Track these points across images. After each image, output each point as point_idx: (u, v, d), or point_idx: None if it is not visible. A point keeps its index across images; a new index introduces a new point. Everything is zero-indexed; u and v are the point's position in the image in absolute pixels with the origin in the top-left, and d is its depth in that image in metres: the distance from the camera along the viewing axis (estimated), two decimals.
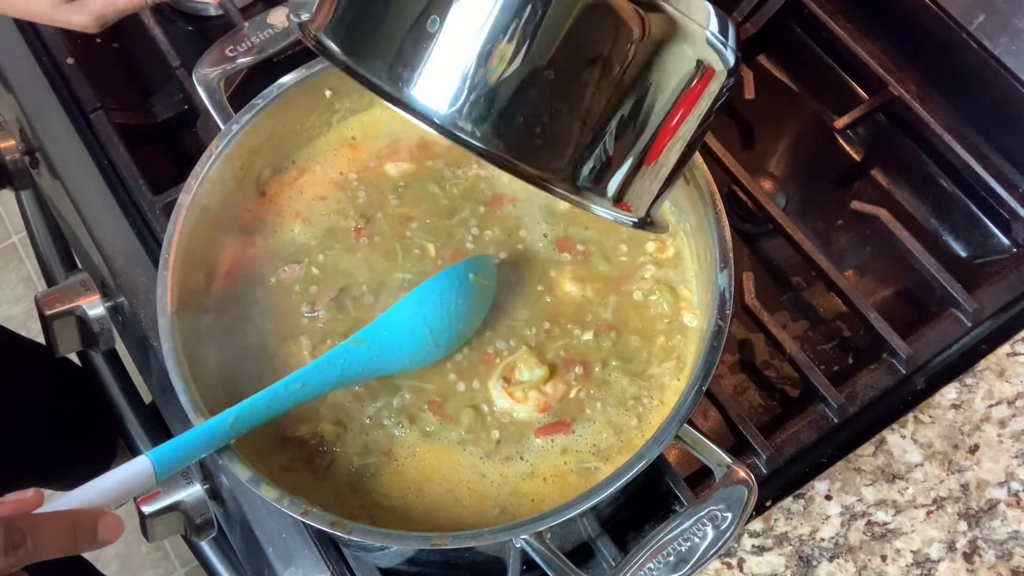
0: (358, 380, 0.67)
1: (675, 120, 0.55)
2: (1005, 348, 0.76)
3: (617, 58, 0.52)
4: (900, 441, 0.73)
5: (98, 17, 0.75)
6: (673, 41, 0.53)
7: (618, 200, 0.56)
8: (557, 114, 0.53)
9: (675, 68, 0.53)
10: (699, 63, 0.54)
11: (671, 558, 0.57)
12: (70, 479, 1.53)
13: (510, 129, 0.52)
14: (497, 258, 0.73)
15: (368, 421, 0.67)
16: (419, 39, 0.52)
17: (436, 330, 0.67)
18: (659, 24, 0.52)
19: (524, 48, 0.51)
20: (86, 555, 1.37)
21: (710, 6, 0.54)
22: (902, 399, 0.75)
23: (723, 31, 0.54)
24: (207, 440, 0.60)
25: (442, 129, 0.52)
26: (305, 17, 0.57)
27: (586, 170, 0.54)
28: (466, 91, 0.51)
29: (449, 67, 0.52)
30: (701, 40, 0.53)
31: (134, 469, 0.58)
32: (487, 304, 0.71)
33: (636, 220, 0.57)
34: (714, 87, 0.55)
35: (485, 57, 0.51)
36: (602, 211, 0.56)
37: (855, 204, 0.83)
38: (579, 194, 0.54)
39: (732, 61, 0.55)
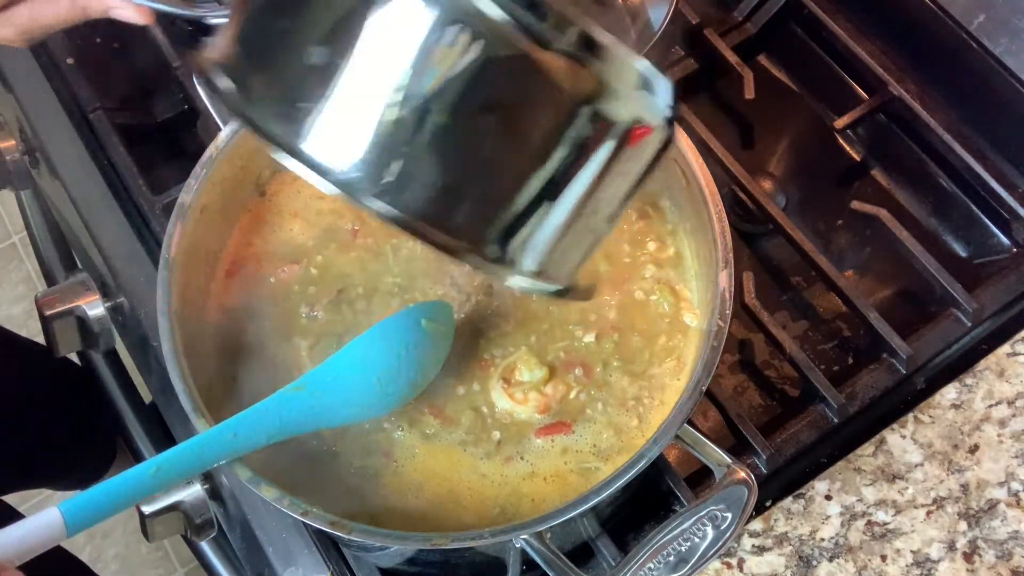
0: (300, 431, 0.61)
1: (603, 183, 0.50)
2: (1005, 348, 0.76)
3: (538, 116, 0.47)
4: (900, 441, 0.74)
5: (23, 32, 0.71)
6: (601, 99, 0.48)
7: (538, 272, 0.51)
8: (469, 176, 0.47)
9: (602, 128, 0.48)
10: (634, 121, 0.49)
11: (671, 558, 0.57)
12: (70, 480, 1.53)
13: (415, 192, 0.46)
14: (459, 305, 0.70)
15: (368, 425, 0.67)
16: (314, 78, 0.46)
17: (384, 379, 0.63)
18: (586, 80, 0.47)
19: (434, 102, 0.45)
20: (86, 557, 1.37)
21: (641, 62, 0.49)
22: (902, 399, 0.75)
23: (656, 88, 0.49)
24: (126, 493, 0.55)
25: (339, 188, 0.46)
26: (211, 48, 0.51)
27: (501, 239, 0.48)
28: (367, 146, 0.46)
29: (349, 117, 0.46)
30: (633, 98, 0.49)
31: (44, 522, 0.52)
32: (444, 350, 0.67)
33: (557, 290, 0.52)
34: (648, 147, 0.51)
35: (388, 108, 0.45)
36: (519, 282, 0.50)
37: (855, 204, 0.83)
38: (494, 264, 0.49)
39: (667, 119, 0.51)
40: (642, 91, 0.49)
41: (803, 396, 0.79)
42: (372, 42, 0.45)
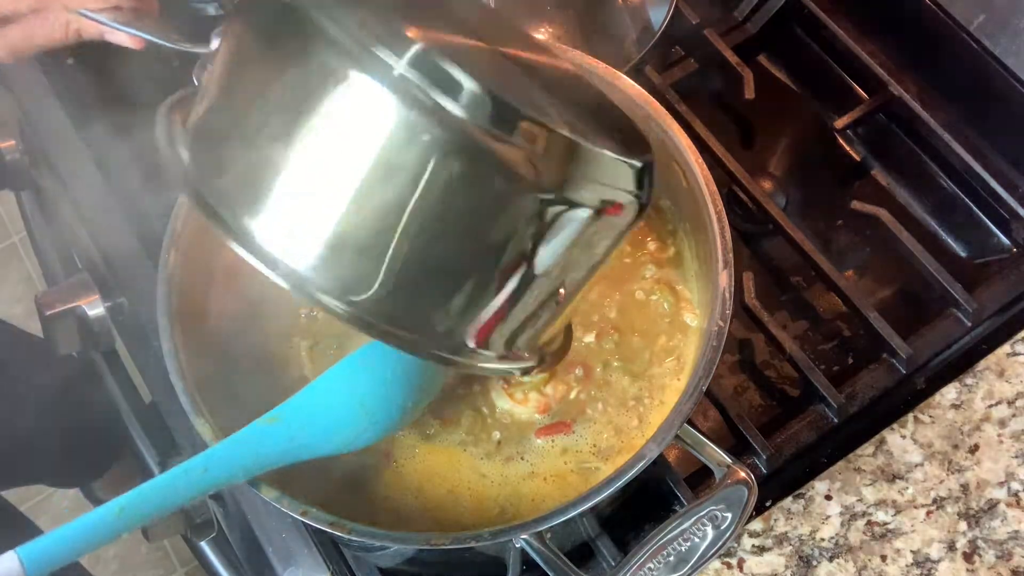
0: (279, 463, 0.57)
1: (568, 265, 0.50)
2: (1005, 348, 0.76)
3: (500, 210, 0.46)
4: (900, 441, 0.73)
5: (14, 51, 0.70)
6: (567, 187, 0.47)
7: (504, 355, 0.50)
8: (426, 273, 0.46)
9: (568, 213, 0.47)
10: (602, 203, 0.48)
11: (671, 558, 0.57)
12: (69, 477, 1.53)
13: (370, 290, 0.45)
14: None
15: None
16: (271, 167, 0.45)
17: (370, 407, 0.58)
18: (551, 171, 0.46)
19: (391, 198, 0.44)
20: (85, 557, 1.37)
21: (604, 155, 0.48)
22: (902, 399, 0.75)
23: (625, 174, 0.49)
24: (89, 537, 0.51)
25: (288, 282, 0.45)
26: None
27: (465, 330, 0.47)
28: (321, 242, 0.44)
29: (304, 211, 0.45)
30: (601, 183, 0.48)
31: (1, 568, 0.49)
32: (439, 372, 0.63)
33: (526, 368, 0.52)
34: (615, 225, 0.51)
35: (345, 204, 0.44)
36: (487, 367, 0.50)
37: (855, 204, 0.83)
38: (460, 356, 0.48)
39: (637, 200, 0.50)
40: (609, 178, 0.48)
41: (803, 396, 0.79)
42: (332, 135, 0.44)
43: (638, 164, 0.50)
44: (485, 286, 0.47)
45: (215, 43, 0.55)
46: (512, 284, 0.48)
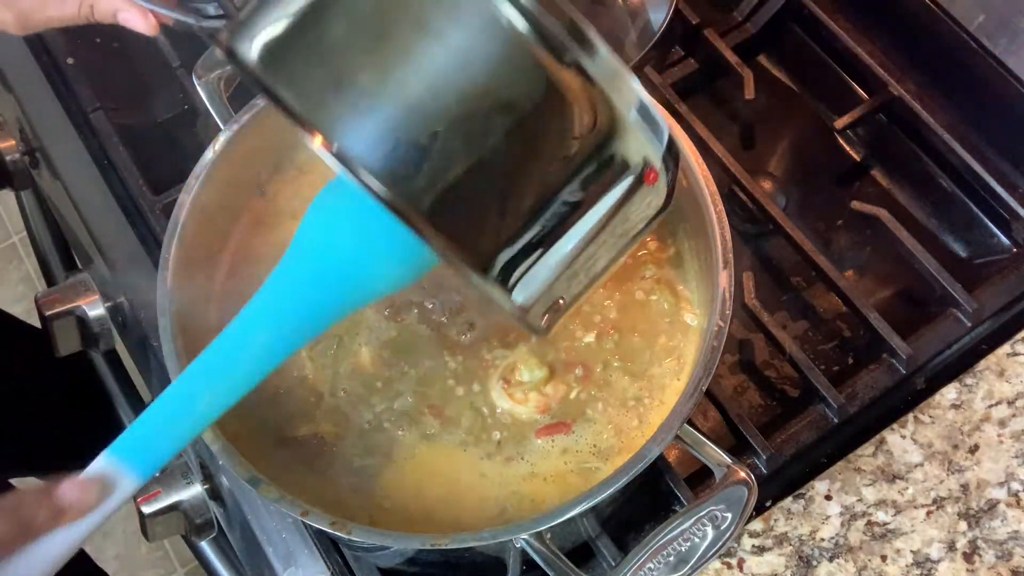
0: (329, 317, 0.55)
1: (608, 227, 0.50)
2: (1005, 348, 0.76)
3: (556, 143, 0.47)
4: (900, 441, 0.74)
5: (23, 19, 0.69)
6: (615, 136, 0.48)
7: (525, 308, 0.50)
8: (484, 191, 0.47)
9: (615, 168, 0.49)
10: (644, 163, 0.49)
11: (671, 558, 0.57)
12: (66, 472, 1.53)
13: (431, 194, 0.45)
14: None
15: (367, 426, 0.67)
16: (353, 60, 0.46)
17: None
18: (600, 107, 0.47)
19: (464, 108, 0.45)
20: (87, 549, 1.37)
21: (638, 86, 0.49)
22: (902, 399, 0.75)
23: (657, 126, 0.50)
24: (185, 411, 0.53)
25: (366, 178, 0.45)
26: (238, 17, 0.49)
27: (504, 264, 0.47)
28: (394, 139, 0.45)
29: (382, 108, 0.45)
30: (638, 134, 0.49)
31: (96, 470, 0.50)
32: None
33: (541, 328, 0.52)
34: (654, 192, 0.51)
35: (418, 106, 0.45)
36: (502, 300, 0.49)
37: (855, 204, 0.83)
38: (485, 283, 0.48)
39: (666, 159, 0.51)
40: (645, 129, 0.49)
41: (803, 396, 0.79)
42: (413, 43, 0.45)
43: (667, 129, 0.51)
44: (531, 225, 0.48)
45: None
46: (554, 233, 0.48)
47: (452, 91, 0.45)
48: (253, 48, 0.46)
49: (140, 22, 0.67)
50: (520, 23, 0.45)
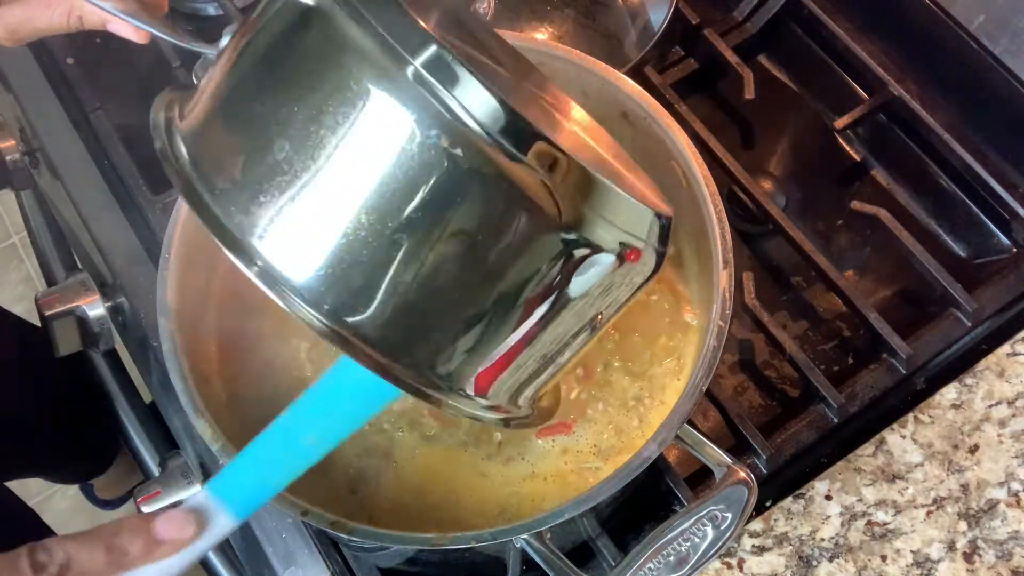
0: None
1: (578, 314, 0.47)
2: (1005, 348, 0.76)
3: (514, 244, 0.43)
4: (900, 441, 0.73)
5: (12, 31, 0.68)
6: (585, 225, 0.44)
7: (497, 406, 0.47)
8: (435, 308, 0.43)
9: (585, 255, 0.45)
10: (620, 246, 0.46)
11: (671, 558, 0.57)
12: (66, 472, 1.53)
13: (372, 318, 0.42)
14: None
15: (367, 427, 0.67)
16: (278, 175, 0.42)
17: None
18: (567, 204, 0.43)
19: (402, 219, 0.41)
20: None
21: (627, 200, 0.45)
22: (902, 399, 0.75)
23: (645, 220, 0.46)
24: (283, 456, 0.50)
25: (286, 301, 0.42)
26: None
27: (466, 372, 0.44)
28: (326, 259, 0.42)
29: (310, 224, 0.42)
30: (618, 225, 0.45)
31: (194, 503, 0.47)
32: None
33: (520, 420, 0.50)
34: (635, 272, 0.48)
35: (352, 221, 0.41)
36: (477, 414, 0.47)
37: (855, 204, 0.83)
38: (452, 399, 0.45)
39: (656, 251, 0.48)
40: (627, 222, 0.46)
41: (803, 396, 0.79)
42: (344, 146, 0.42)
43: (657, 214, 0.47)
44: (491, 326, 0.44)
45: (224, 40, 0.53)
46: (519, 328, 0.45)
47: (397, 202, 0.41)
48: (187, 155, 0.45)
49: (130, 31, 0.67)
50: (474, 126, 0.41)
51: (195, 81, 0.75)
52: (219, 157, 0.45)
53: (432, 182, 0.41)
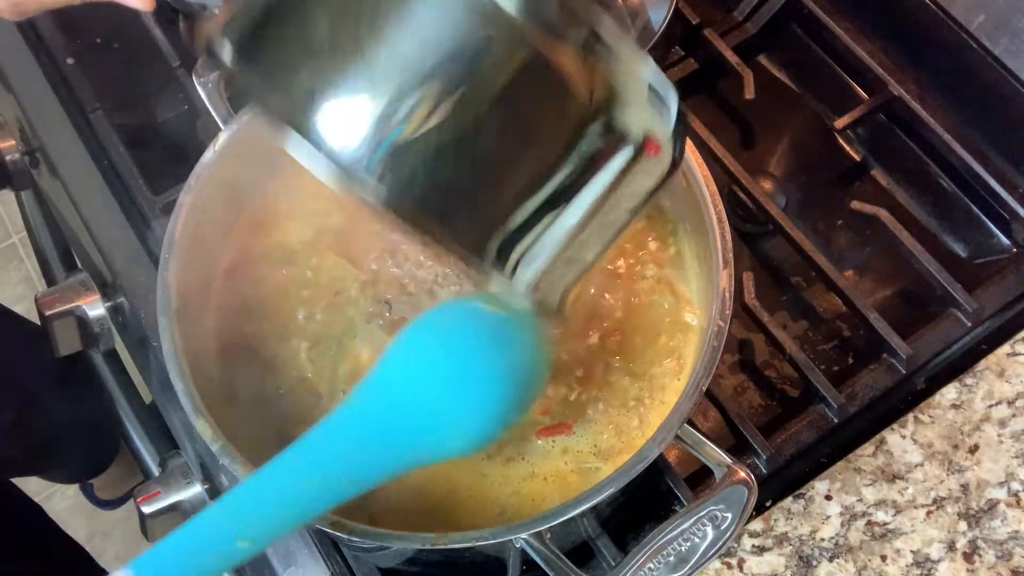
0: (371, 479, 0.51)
1: (609, 200, 0.48)
2: (1005, 348, 0.76)
3: (551, 121, 0.45)
4: (900, 441, 0.74)
5: (17, 7, 0.67)
6: (614, 109, 0.46)
7: (534, 287, 0.48)
8: (477, 176, 0.45)
9: (613, 140, 0.47)
10: (646, 136, 0.48)
11: (671, 558, 0.57)
12: (66, 471, 1.53)
13: (421, 184, 0.44)
14: None
15: None
16: (327, 54, 0.44)
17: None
18: (599, 84, 0.45)
19: (447, 93, 0.43)
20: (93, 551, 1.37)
21: (649, 67, 0.47)
22: (902, 399, 0.75)
23: (667, 100, 0.48)
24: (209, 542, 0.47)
25: (341, 170, 0.43)
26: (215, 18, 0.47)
27: (502, 245, 0.46)
28: (375, 130, 0.43)
29: (360, 99, 0.43)
30: (643, 109, 0.47)
31: None
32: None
33: (544, 305, 0.50)
34: (657, 165, 0.49)
35: (401, 94, 0.43)
36: (512, 293, 0.48)
37: (855, 204, 0.83)
38: (491, 270, 0.46)
39: (674, 133, 0.49)
40: (652, 102, 0.48)
41: (803, 396, 0.79)
42: (392, 23, 0.43)
43: (678, 103, 0.49)
44: (528, 204, 0.46)
45: None
46: (553, 209, 0.47)
47: (437, 71, 0.43)
48: (230, 46, 0.45)
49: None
50: (509, 5, 0.42)
51: (195, 82, 0.75)
52: (268, 47, 0.45)
53: (476, 58, 0.43)
